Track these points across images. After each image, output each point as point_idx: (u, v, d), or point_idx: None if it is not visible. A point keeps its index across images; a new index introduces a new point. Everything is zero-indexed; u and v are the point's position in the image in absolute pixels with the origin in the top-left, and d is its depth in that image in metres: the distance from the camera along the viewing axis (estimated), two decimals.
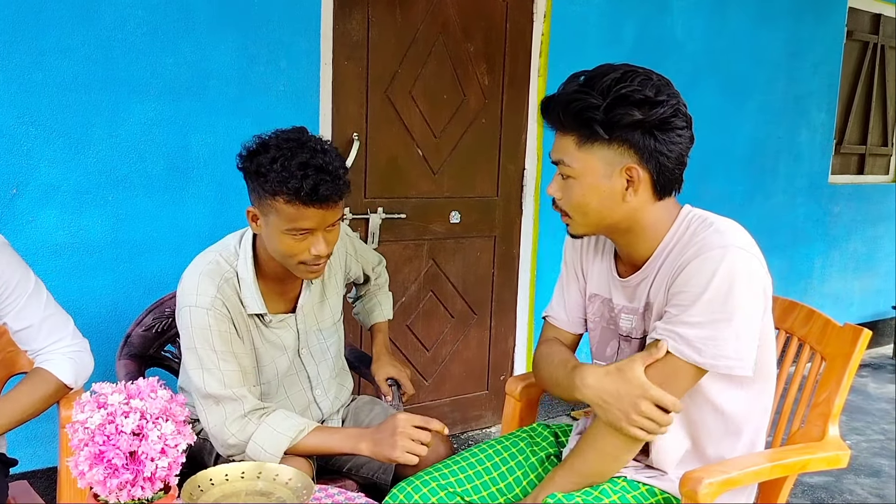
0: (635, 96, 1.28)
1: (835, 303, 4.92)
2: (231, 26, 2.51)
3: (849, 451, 1.50)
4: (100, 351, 1.74)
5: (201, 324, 1.57)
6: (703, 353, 1.29)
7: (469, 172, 3.20)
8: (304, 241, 1.54)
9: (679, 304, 1.31)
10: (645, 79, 1.31)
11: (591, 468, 1.41)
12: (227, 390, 1.57)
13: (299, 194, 1.47)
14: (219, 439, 1.59)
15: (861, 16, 4.73)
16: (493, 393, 3.46)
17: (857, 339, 1.53)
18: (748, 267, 1.29)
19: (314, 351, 1.81)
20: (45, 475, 2.35)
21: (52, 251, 2.31)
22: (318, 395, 1.84)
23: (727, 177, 4.04)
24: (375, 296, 2.11)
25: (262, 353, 1.71)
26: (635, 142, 1.31)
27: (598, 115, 1.29)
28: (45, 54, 2.22)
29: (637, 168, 1.32)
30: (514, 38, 3.21)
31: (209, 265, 1.62)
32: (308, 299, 1.77)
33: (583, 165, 1.35)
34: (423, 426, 1.52)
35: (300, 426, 1.59)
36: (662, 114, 1.29)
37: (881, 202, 5.12)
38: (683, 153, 1.35)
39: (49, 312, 1.58)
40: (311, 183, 1.47)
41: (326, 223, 1.55)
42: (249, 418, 1.58)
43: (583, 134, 1.33)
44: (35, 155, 2.25)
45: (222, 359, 1.58)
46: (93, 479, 1.05)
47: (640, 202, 1.36)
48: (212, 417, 1.58)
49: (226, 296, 1.60)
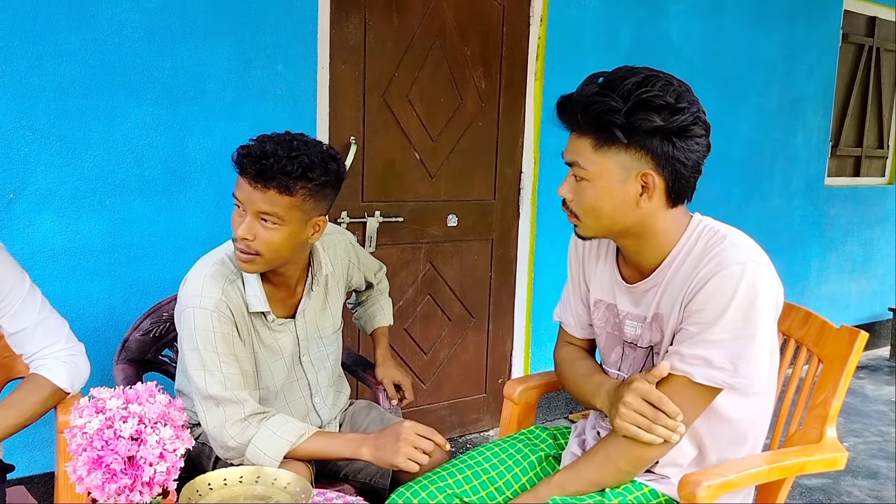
0: (656, 102, 1.27)
1: (831, 305, 4.93)
2: (228, 30, 2.51)
3: (846, 454, 1.50)
4: (97, 355, 1.74)
5: (205, 325, 1.56)
6: (734, 374, 1.30)
7: (466, 176, 3.21)
8: (239, 217, 1.55)
9: (701, 322, 1.31)
10: (666, 84, 1.29)
11: (603, 479, 1.40)
12: (228, 392, 1.57)
13: (240, 161, 1.51)
14: (218, 441, 1.59)
15: (856, 18, 4.74)
16: (491, 396, 3.46)
17: (855, 341, 1.53)
18: (767, 282, 1.30)
19: (314, 358, 1.81)
20: (43, 480, 2.34)
21: (49, 256, 2.31)
22: (318, 402, 1.84)
23: (724, 179, 4.06)
24: (377, 301, 2.12)
25: (259, 358, 1.71)
26: (653, 148, 1.29)
27: (619, 119, 1.27)
28: (42, 58, 2.22)
29: (653, 174, 1.31)
30: (510, 42, 3.22)
31: (214, 266, 1.62)
32: (309, 305, 1.77)
33: (598, 168, 1.33)
34: (426, 436, 1.52)
35: (300, 430, 1.59)
36: (683, 121, 1.28)
37: (877, 204, 5.13)
38: (700, 161, 1.34)
39: (43, 316, 1.58)
40: (252, 153, 1.50)
41: (255, 206, 1.52)
42: (249, 422, 1.58)
43: (600, 137, 1.31)
44: (32, 159, 2.25)
45: (224, 361, 1.57)
46: (91, 484, 1.05)
47: (653, 208, 1.35)
48: (211, 419, 1.58)
49: (230, 298, 1.60)
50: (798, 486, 3.05)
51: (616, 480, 1.41)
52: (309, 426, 1.62)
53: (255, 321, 1.68)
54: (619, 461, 1.38)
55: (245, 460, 1.57)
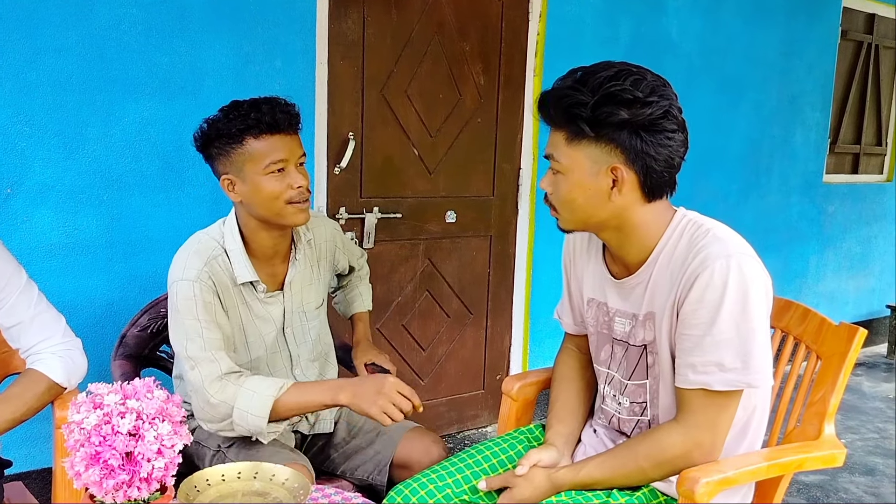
0: (624, 96, 1.27)
1: (830, 302, 4.94)
2: (226, 25, 2.50)
3: (844, 450, 1.50)
4: (95, 351, 1.73)
5: (186, 294, 1.61)
6: (746, 372, 1.30)
7: (465, 172, 3.20)
8: (284, 178, 1.63)
9: (700, 323, 1.30)
10: (638, 78, 1.29)
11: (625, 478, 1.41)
12: (206, 353, 1.60)
13: (263, 123, 1.60)
14: (201, 398, 1.60)
15: (855, 15, 4.74)
16: (490, 392, 3.46)
17: (853, 338, 1.53)
18: (755, 273, 1.30)
19: (297, 332, 1.84)
20: (40, 476, 2.34)
21: (46, 251, 2.30)
22: (298, 374, 1.86)
23: (722, 176, 4.05)
24: (356, 287, 2.15)
25: (251, 328, 1.74)
26: (622, 141, 1.30)
27: (585, 113, 1.29)
28: (40, 53, 2.22)
29: (622, 168, 1.32)
30: (509, 38, 3.21)
31: (198, 244, 1.69)
32: (296, 277, 1.80)
33: (571, 162, 1.35)
34: (408, 396, 1.53)
35: (279, 383, 1.60)
36: (650, 115, 1.28)
37: (875, 201, 5.14)
38: (673, 156, 1.33)
39: (40, 310, 1.57)
40: (269, 109, 1.61)
41: (295, 155, 1.65)
42: (226, 380, 1.60)
43: (571, 130, 1.33)
44: (29, 154, 2.24)
45: (205, 327, 1.62)
46: (89, 479, 1.04)
47: (628, 202, 1.35)
48: (193, 377, 1.61)
49: (213, 270, 1.65)
50: (796, 482, 3.06)
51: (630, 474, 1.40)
52: (286, 379, 1.64)
53: (245, 293, 1.71)
54: (643, 461, 1.38)
55: (235, 426, 1.59)
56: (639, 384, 1.46)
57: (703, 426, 1.33)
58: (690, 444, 1.34)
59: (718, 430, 1.34)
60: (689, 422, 1.34)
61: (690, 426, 1.34)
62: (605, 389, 1.56)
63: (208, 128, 1.66)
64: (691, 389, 1.33)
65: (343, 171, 2.85)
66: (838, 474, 3.16)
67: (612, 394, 1.54)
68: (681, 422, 1.35)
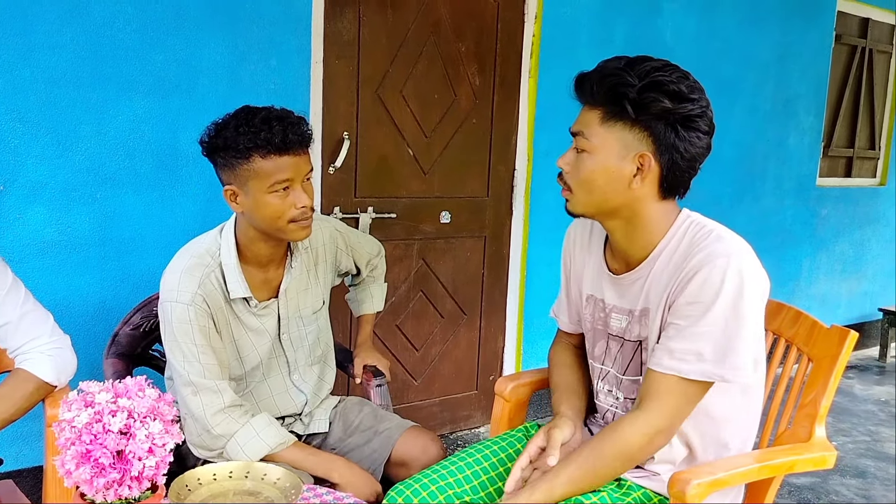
0: (669, 87, 1.30)
1: (822, 304, 4.96)
2: (221, 24, 2.50)
3: (835, 452, 1.50)
4: (87, 349, 1.73)
5: (181, 318, 1.61)
6: (722, 365, 1.30)
7: (459, 173, 3.20)
8: (288, 197, 1.60)
9: (690, 315, 1.31)
10: (683, 76, 1.33)
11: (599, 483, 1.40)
12: (207, 381, 1.62)
13: (272, 143, 1.55)
14: (201, 425, 1.62)
15: (849, 20, 4.76)
16: (483, 393, 3.46)
17: (844, 340, 1.54)
18: (754, 273, 1.31)
19: (293, 337, 1.84)
20: (31, 474, 2.33)
21: (39, 249, 2.29)
22: (296, 379, 1.86)
23: (716, 178, 4.06)
24: (368, 287, 2.14)
25: (244, 342, 1.74)
26: (656, 131, 1.32)
27: (631, 94, 1.30)
28: (34, 50, 2.21)
29: (650, 157, 1.33)
30: (505, 39, 3.21)
31: (191, 259, 1.66)
32: (292, 284, 1.79)
33: (601, 141, 1.35)
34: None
35: (281, 439, 1.67)
36: (690, 110, 1.32)
37: (868, 205, 5.16)
38: (697, 158, 1.36)
39: (27, 309, 1.57)
40: (280, 130, 1.56)
41: (302, 174, 1.62)
42: (229, 414, 1.63)
43: (610, 110, 1.34)
44: (22, 152, 2.23)
45: (202, 352, 1.63)
46: (79, 478, 1.04)
47: (644, 194, 1.37)
48: (193, 405, 1.62)
49: (207, 291, 1.64)
50: (787, 484, 3.06)
51: (604, 477, 1.40)
52: (290, 436, 1.70)
53: (237, 308, 1.71)
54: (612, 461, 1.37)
55: (225, 452, 1.63)
56: (633, 380, 1.47)
57: (666, 413, 1.34)
58: (653, 432, 1.34)
59: (678, 419, 1.35)
60: (652, 407, 1.34)
61: (653, 412, 1.34)
62: (598, 385, 1.57)
63: (216, 135, 1.61)
64: (663, 374, 1.34)
65: (338, 171, 2.85)
66: (829, 476, 3.17)
67: (607, 389, 1.54)
68: (643, 409, 1.35)
